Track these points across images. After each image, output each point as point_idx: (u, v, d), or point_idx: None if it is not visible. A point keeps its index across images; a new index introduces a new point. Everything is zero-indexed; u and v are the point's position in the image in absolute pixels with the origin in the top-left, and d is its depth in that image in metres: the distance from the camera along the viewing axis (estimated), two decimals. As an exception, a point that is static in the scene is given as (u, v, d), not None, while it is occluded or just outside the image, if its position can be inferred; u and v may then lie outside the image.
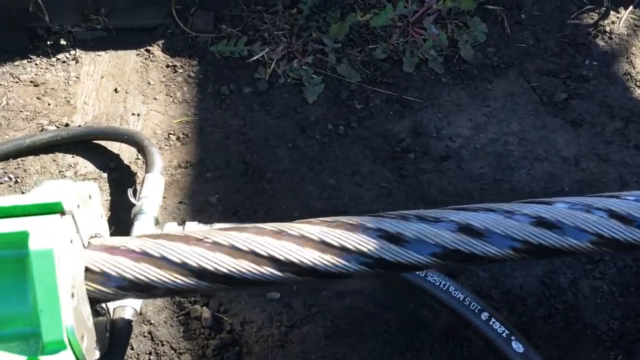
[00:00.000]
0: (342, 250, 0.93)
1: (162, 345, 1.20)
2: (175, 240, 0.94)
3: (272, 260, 0.92)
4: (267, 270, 0.92)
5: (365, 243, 0.92)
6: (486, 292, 1.27)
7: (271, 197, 1.46)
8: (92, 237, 1.00)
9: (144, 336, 1.22)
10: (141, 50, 1.78)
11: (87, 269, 0.93)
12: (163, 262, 0.92)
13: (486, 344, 1.13)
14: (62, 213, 0.90)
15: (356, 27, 1.81)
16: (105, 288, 0.93)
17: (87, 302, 0.94)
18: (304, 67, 1.73)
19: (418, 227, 0.92)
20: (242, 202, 1.45)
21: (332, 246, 0.93)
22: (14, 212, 0.90)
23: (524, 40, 1.82)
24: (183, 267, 0.91)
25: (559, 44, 1.83)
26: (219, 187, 1.48)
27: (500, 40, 1.82)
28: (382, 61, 1.76)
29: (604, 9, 1.88)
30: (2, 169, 1.49)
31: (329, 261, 0.93)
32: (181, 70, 1.74)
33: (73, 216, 0.91)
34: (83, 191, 0.98)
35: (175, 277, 0.92)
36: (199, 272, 0.92)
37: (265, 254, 0.92)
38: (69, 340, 0.86)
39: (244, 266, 0.92)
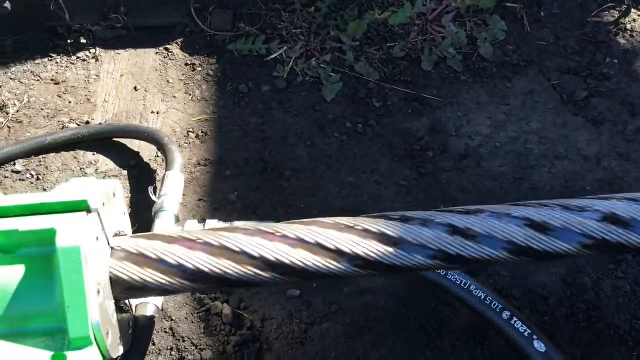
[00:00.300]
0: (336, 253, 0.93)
1: (184, 341, 1.21)
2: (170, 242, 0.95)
3: (264, 262, 0.92)
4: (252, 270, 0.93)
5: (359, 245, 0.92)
6: (507, 292, 1.26)
7: (290, 195, 1.46)
8: (115, 235, 1.01)
9: (166, 332, 1.22)
10: (160, 48, 1.79)
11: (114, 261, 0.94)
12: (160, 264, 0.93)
13: (507, 343, 1.13)
14: (88, 211, 0.91)
15: (374, 25, 1.81)
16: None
17: (111, 299, 0.95)
18: (322, 65, 1.73)
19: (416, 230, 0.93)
20: (261, 200, 1.45)
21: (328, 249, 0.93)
22: (40, 209, 0.91)
23: (544, 38, 1.81)
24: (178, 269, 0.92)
25: (579, 42, 1.81)
26: (238, 185, 1.48)
27: (519, 38, 1.80)
28: (401, 59, 1.76)
29: (625, 6, 1.86)
30: (24, 166, 1.51)
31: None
32: (200, 69, 1.75)
33: (99, 214, 0.92)
34: (108, 189, 0.99)
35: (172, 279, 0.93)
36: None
37: (257, 255, 0.92)
38: (94, 337, 0.87)
39: (230, 267, 0.92)
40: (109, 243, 0.96)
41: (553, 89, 1.69)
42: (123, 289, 0.94)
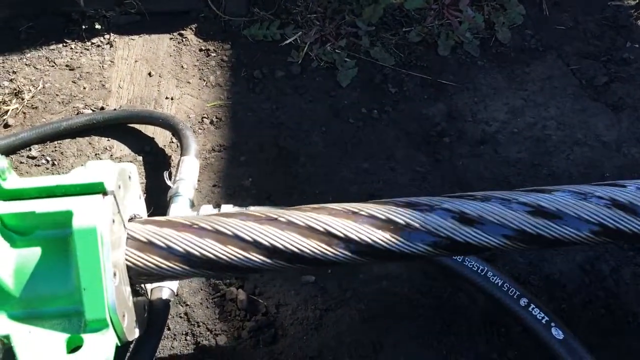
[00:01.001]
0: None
1: (198, 326, 1.21)
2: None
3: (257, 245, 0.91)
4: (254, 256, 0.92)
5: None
6: (524, 278, 1.24)
7: (305, 181, 1.45)
8: (131, 219, 1.01)
9: (180, 317, 1.23)
10: (174, 34, 1.78)
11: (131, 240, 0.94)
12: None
13: (525, 330, 1.12)
14: (105, 193, 0.91)
15: (390, 10, 1.78)
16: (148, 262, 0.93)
17: (127, 282, 0.95)
18: (337, 50, 1.71)
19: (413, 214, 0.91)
20: (275, 185, 1.45)
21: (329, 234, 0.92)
22: (57, 191, 0.91)
23: (562, 22, 1.77)
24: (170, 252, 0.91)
25: (599, 26, 1.77)
26: (252, 171, 1.48)
27: (538, 22, 1.77)
28: (417, 44, 1.73)
29: (647, -11, 1.81)
30: (39, 151, 1.51)
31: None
32: (214, 54, 1.74)
33: (115, 196, 0.92)
34: (123, 172, 0.98)
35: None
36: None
37: (250, 239, 0.91)
38: (110, 319, 0.87)
39: (231, 252, 0.92)
40: (125, 226, 0.96)
41: (572, 74, 1.66)
42: (136, 274, 0.95)
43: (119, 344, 0.91)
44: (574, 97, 1.61)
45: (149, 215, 1.10)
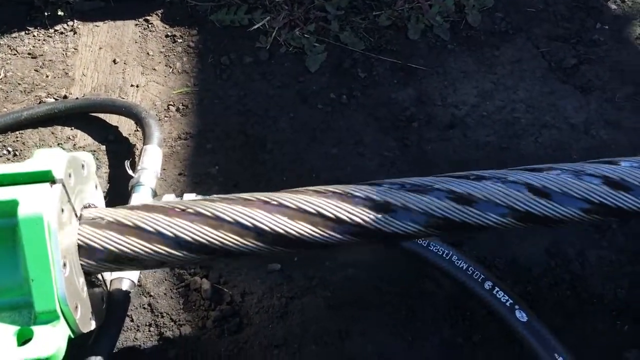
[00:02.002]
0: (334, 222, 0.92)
1: (162, 317, 1.19)
2: (155, 211, 0.93)
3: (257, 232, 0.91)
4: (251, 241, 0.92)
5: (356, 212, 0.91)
6: (490, 262, 1.24)
7: (272, 167, 1.43)
8: (85, 208, 0.99)
9: (144, 308, 1.21)
10: (140, 20, 1.75)
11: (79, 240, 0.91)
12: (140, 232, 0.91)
13: (489, 313, 1.11)
14: (53, 182, 0.88)
15: (359, -6, 1.76)
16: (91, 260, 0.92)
17: (80, 273, 0.92)
18: (305, 35, 1.68)
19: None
20: (242, 173, 1.43)
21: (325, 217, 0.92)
22: (3, 180, 0.88)
23: (533, 5, 1.76)
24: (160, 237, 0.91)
25: (569, 8, 1.77)
26: (219, 159, 1.45)
27: (508, 5, 1.76)
28: (387, 28, 1.71)
29: (618, -30, 1.80)
30: (0, 142, 1.47)
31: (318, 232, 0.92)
32: (180, 40, 1.70)
33: (64, 185, 0.89)
34: (75, 160, 0.96)
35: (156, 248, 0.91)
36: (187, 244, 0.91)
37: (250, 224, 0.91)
38: (61, 310, 0.85)
39: (223, 236, 0.91)
40: (76, 215, 0.94)
41: (541, 57, 1.65)
42: (95, 259, 0.92)
43: (72, 336, 0.89)
44: (543, 80, 1.60)
45: (109, 206, 1.08)
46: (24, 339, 0.85)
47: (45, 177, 0.88)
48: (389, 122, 1.52)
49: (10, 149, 1.47)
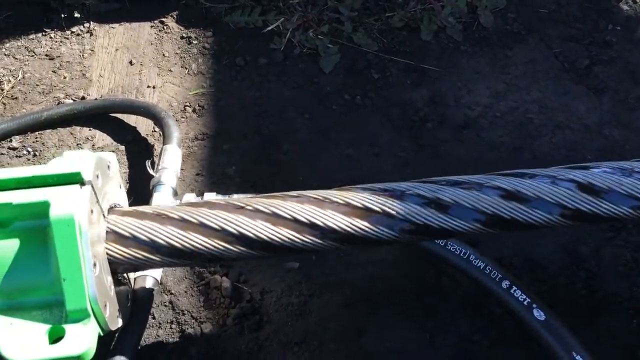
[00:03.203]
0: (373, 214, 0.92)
1: (183, 314, 1.21)
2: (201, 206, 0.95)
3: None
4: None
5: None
6: (507, 261, 1.25)
7: (288, 168, 1.45)
8: (111, 208, 1.01)
9: (165, 306, 1.23)
10: (155, 21, 1.76)
11: (110, 234, 0.93)
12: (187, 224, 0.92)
13: (507, 312, 1.13)
14: (82, 183, 0.90)
15: (372, -5, 1.77)
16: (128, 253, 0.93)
17: (108, 272, 0.94)
18: (319, 36, 1.70)
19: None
20: (259, 173, 1.45)
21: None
22: (33, 182, 0.90)
23: (545, 5, 1.78)
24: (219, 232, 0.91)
25: (581, 9, 1.78)
26: (235, 159, 1.47)
27: (521, 6, 1.77)
28: (400, 29, 1.73)
29: (629, -29, 1.82)
30: (20, 142, 1.50)
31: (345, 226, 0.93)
32: (196, 42, 1.72)
33: (92, 186, 0.91)
34: (102, 161, 0.98)
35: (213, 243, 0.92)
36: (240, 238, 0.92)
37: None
38: (92, 309, 0.87)
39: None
40: (104, 215, 0.96)
41: (554, 57, 1.66)
42: (117, 266, 0.94)
43: (102, 334, 0.91)
44: (556, 81, 1.61)
45: (131, 205, 1.10)
46: (55, 337, 0.87)
47: (74, 179, 0.90)
48: (403, 122, 1.54)
49: (30, 149, 1.49)
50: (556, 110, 1.55)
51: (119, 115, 1.55)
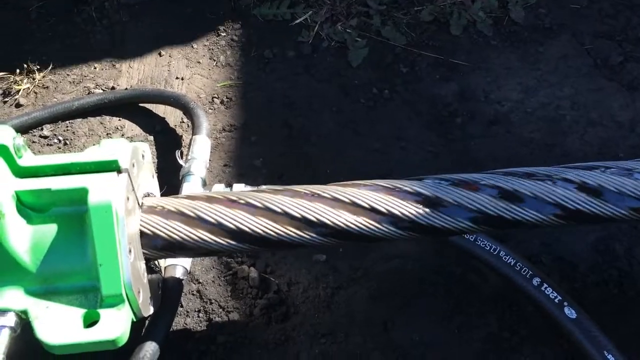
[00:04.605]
0: (375, 213, 0.94)
1: (211, 303, 1.22)
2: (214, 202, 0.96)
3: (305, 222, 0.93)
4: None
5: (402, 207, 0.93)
6: (536, 258, 1.24)
7: (316, 160, 1.45)
8: (145, 196, 1.02)
9: (193, 295, 1.24)
10: (184, 13, 1.77)
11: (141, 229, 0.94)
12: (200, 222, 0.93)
13: (537, 309, 1.12)
14: (119, 171, 0.91)
15: (401, -12, 1.76)
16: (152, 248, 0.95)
17: (142, 259, 0.95)
18: (348, 30, 1.70)
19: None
20: (286, 165, 1.45)
21: (365, 208, 0.93)
22: (72, 169, 0.92)
23: (577, 1, 1.75)
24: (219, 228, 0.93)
25: (614, 5, 1.75)
26: (263, 151, 1.48)
27: (552, 1, 1.74)
28: (429, 23, 1.71)
29: (664, -34, 1.78)
30: (51, 131, 1.52)
31: (363, 224, 0.94)
32: (224, 34, 1.73)
33: (129, 174, 0.92)
34: (137, 150, 0.99)
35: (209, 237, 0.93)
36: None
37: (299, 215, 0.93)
38: (126, 295, 0.88)
39: (280, 228, 0.93)
40: (139, 203, 0.97)
41: (587, 54, 1.64)
42: (156, 247, 0.95)
43: (135, 320, 0.92)
44: (589, 77, 1.59)
45: (161, 195, 1.11)
46: (90, 322, 0.88)
47: (111, 167, 0.91)
48: (432, 117, 1.53)
49: (60, 137, 1.51)
50: (588, 107, 1.52)
51: (148, 106, 1.56)
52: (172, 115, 1.55)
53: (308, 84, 1.60)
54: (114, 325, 0.87)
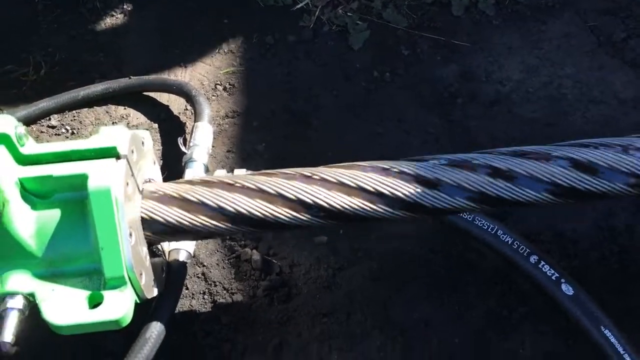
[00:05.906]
0: (375, 195, 0.95)
1: (215, 285, 1.25)
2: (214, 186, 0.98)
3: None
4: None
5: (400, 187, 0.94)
6: (535, 236, 1.25)
7: (317, 144, 1.47)
8: (145, 182, 1.04)
9: (198, 277, 1.27)
10: (187, 2, 1.79)
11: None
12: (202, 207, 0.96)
13: (534, 286, 1.13)
14: (118, 157, 0.94)
15: (402, -30, 1.75)
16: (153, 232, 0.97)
17: (144, 243, 0.98)
18: (349, 13, 1.70)
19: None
20: (288, 150, 1.46)
21: (365, 190, 0.95)
22: (72, 156, 0.94)
23: (580, -22, 1.73)
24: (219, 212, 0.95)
25: (618, -19, 1.72)
26: (265, 136, 1.49)
27: (555, -22, 1.73)
28: (430, 5, 1.71)
29: (670, -60, 1.75)
30: (59, 121, 1.55)
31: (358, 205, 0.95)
32: (226, 21, 1.74)
33: (128, 160, 0.95)
34: (136, 137, 1.01)
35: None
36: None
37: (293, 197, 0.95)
38: (128, 277, 0.91)
39: (278, 210, 0.95)
40: (139, 189, 0.99)
41: (590, 31, 1.62)
42: (157, 231, 0.98)
43: (138, 301, 0.95)
44: (592, 55, 1.57)
45: (164, 180, 1.13)
46: (94, 303, 0.91)
47: (110, 153, 0.94)
48: (433, 99, 1.53)
49: (68, 127, 1.54)
50: (591, 85, 1.51)
51: (152, 95, 1.59)
52: (175, 104, 1.57)
53: (309, 68, 1.61)
54: (118, 306, 0.90)
